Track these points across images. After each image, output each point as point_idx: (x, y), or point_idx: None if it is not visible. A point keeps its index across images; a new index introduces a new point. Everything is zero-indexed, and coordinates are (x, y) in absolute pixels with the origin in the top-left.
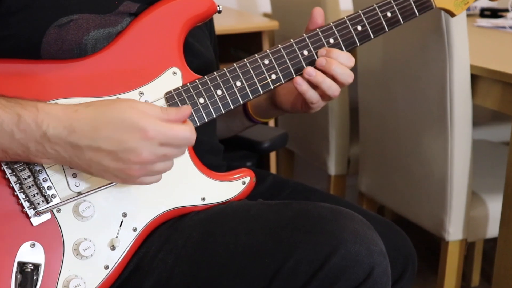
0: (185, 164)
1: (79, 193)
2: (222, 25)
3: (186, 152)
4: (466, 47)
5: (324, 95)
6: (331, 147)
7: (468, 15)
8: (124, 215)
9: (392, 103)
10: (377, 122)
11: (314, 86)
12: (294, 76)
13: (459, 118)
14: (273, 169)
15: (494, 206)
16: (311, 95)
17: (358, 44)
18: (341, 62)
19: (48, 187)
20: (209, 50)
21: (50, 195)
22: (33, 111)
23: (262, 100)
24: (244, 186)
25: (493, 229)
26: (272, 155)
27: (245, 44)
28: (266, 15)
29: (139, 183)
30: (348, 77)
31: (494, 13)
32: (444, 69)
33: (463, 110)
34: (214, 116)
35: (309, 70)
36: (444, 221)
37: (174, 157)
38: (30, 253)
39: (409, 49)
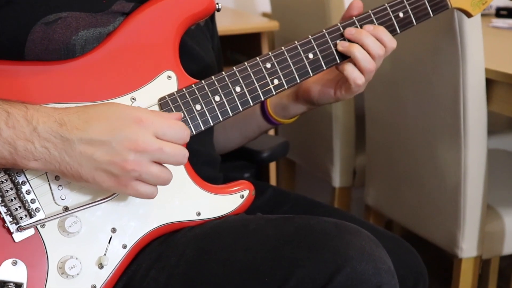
0: (179, 176)
1: (65, 207)
2: (218, 25)
3: None
4: (481, 49)
5: (361, 70)
6: (335, 157)
7: (483, 15)
8: (113, 230)
9: (401, 110)
10: (385, 130)
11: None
12: (298, 81)
13: (473, 125)
14: (273, 180)
15: (511, 221)
16: (352, 69)
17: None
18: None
19: (31, 200)
20: (210, 54)
21: (34, 209)
22: (23, 109)
23: (282, 96)
24: (242, 200)
25: (509, 246)
26: (272, 166)
27: (243, 46)
28: (265, 14)
29: (132, 191)
30: (379, 49)
31: (510, 13)
32: (457, 73)
33: (478, 117)
34: (212, 124)
35: (341, 42)
36: (457, 236)
37: (171, 156)
38: (12, 271)
39: (420, 52)
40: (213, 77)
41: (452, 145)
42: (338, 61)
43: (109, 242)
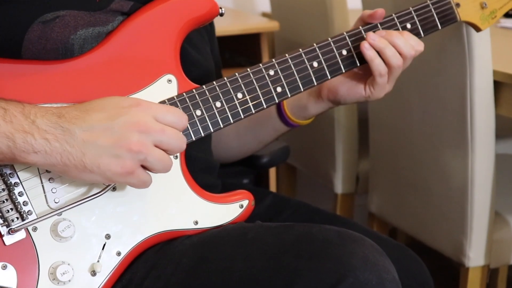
0: (177, 183)
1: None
2: (216, 26)
3: (179, 170)
4: (489, 51)
5: (388, 66)
6: (337, 163)
7: None
8: (108, 237)
9: (406, 113)
10: (389, 135)
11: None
12: (302, 90)
13: (480, 129)
14: (272, 187)
15: None
16: (379, 63)
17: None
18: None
19: (24, 202)
20: (208, 58)
21: (26, 211)
22: (19, 105)
23: (301, 96)
24: (241, 210)
25: None
26: (272, 171)
27: (242, 47)
28: (265, 14)
29: (136, 179)
30: (410, 48)
31: None
32: (464, 75)
33: (485, 120)
34: (212, 130)
35: (371, 35)
36: (464, 245)
37: (173, 141)
38: (1, 275)
39: (425, 53)
40: (214, 82)
41: (459, 150)
42: (344, 71)
43: (102, 249)
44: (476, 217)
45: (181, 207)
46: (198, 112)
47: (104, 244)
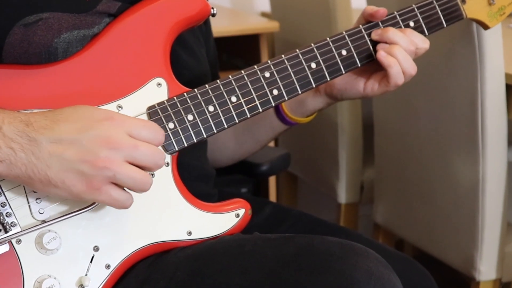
0: (169, 192)
1: (43, 221)
2: (213, 26)
3: (172, 178)
4: (501, 53)
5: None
6: (341, 171)
7: None
8: (96, 249)
9: (413, 119)
10: (395, 141)
11: None
12: (300, 92)
13: (492, 136)
14: (272, 196)
15: None
16: (397, 72)
17: (375, 58)
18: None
19: (7, 213)
20: (203, 61)
21: (10, 223)
22: None
23: None
24: (237, 219)
25: None
26: (272, 180)
27: (240, 49)
28: (264, 14)
29: (106, 196)
30: (410, 44)
31: None
32: (474, 78)
33: (497, 126)
34: (205, 136)
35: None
36: (474, 257)
37: (147, 156)
38: None
39: (433, 55)
40: (207, 85)
41: (469, 157)
42: (343, 72)
43: (91, 262)
44: (487, 228)
45: (174, 217)
46: (190, 117)
47: (93, 257)
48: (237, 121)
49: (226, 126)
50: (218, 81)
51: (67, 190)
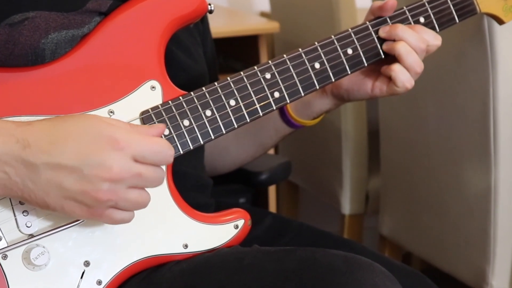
0: (164, 203)
1: (31, 235)
2: (210, 27)
3: (166, 187)
4: None
5: (407, 68)
6: (345, 180)
7: None
8: (87, 264)
9: (422, 124)
10: (402, 149)
11: None
12: (303, 94)
13: (504, 143)
14: (272, 207)
15: None
16: (401, 71)
17: (383, 57)
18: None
19: None
20: (200, 61)
21: None
22: None
23: None
24: (236, 231)
25: None
26: (272, 190)
27: (238, 51)
28: (263, 14)
29: (107, 219)
30: (418, 41)
31: None
32: (486, 82)
33: (510, 133)
34: (202, 142)
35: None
36: (486, 271)
37: (151, 181)
38: None
39: (443, 57)
40: (203, 88)
41: (480, 165)
42: (349, 72)
43: (81, 277)
44: (499, 241)
45: (169, 229)
46: (186, 122)
47: (83, 272)
48: (236, 126)
49: (224, 132)
50: (215, 83)
51: (67, 214)
